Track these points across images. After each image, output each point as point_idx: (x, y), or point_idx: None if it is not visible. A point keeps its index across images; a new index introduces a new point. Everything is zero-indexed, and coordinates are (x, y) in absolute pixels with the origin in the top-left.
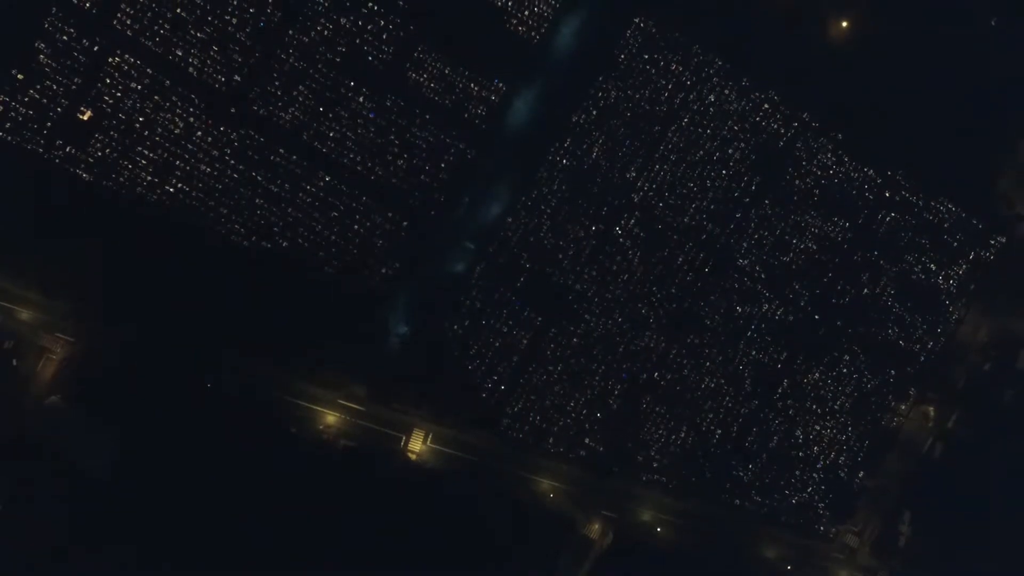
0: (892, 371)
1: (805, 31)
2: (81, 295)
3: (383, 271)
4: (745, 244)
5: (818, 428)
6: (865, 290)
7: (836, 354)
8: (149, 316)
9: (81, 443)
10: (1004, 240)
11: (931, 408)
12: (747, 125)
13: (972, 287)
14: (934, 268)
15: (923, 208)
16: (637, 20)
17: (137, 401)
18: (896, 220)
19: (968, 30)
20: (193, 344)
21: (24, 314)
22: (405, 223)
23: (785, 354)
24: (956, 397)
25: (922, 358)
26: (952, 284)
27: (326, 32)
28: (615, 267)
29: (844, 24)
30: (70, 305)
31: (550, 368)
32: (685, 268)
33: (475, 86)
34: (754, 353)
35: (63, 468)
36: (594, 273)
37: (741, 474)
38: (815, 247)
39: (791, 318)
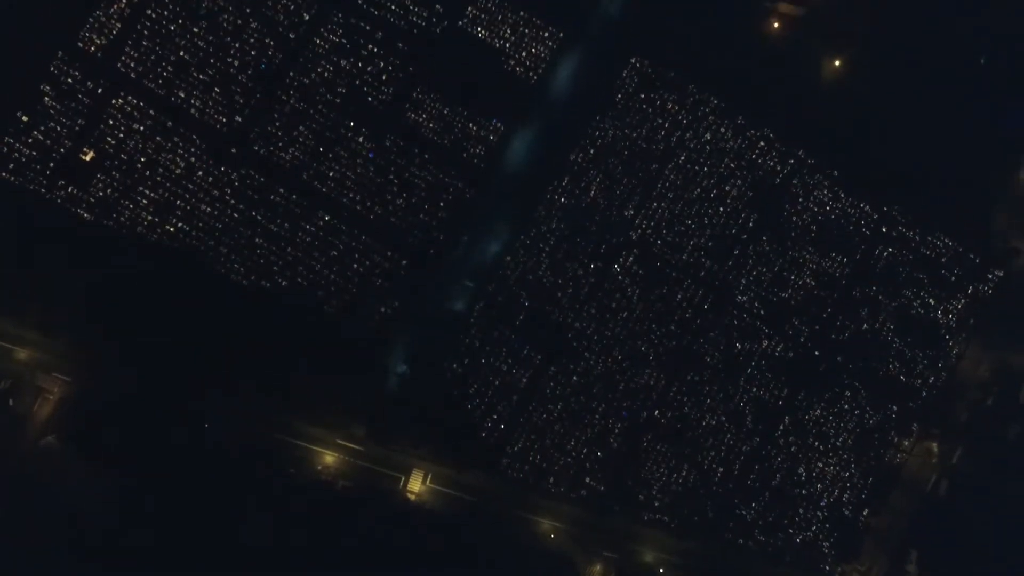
0: (894, 407)
1: (799, 70)
2: (80, 334)
3: (382, 310)
4: (744, 280)
5: (821, 465)
6: (864, 325)
7: (837, 390)
8: (147, 355)
9: (77, 484)
10: (1002, 274)
11: (934, 444)
12: (743, 162)
13: (971, 321)
14: (933, 303)
15: (920, 243)
16: (633, 60)
17: (134, 441)
18: (893, 255)
19: (958, 68)
20: (190, 384)
21: (22, 354)
22: (404, 262)
23: (786, 390)
24: (959, 433)
25: (924, 393)
26: (951, 319)
27: (326, 74)
28: (614, 304)
29: (836, 63)
30: (68, 344)
31: (550, 407)
32: (684, 305)
33: (474, 126)
34: (755, 390)
35: (58, 509)
36: (593, 311)
37: (744, 513)
38: (813, 283)
39: (791, 354)
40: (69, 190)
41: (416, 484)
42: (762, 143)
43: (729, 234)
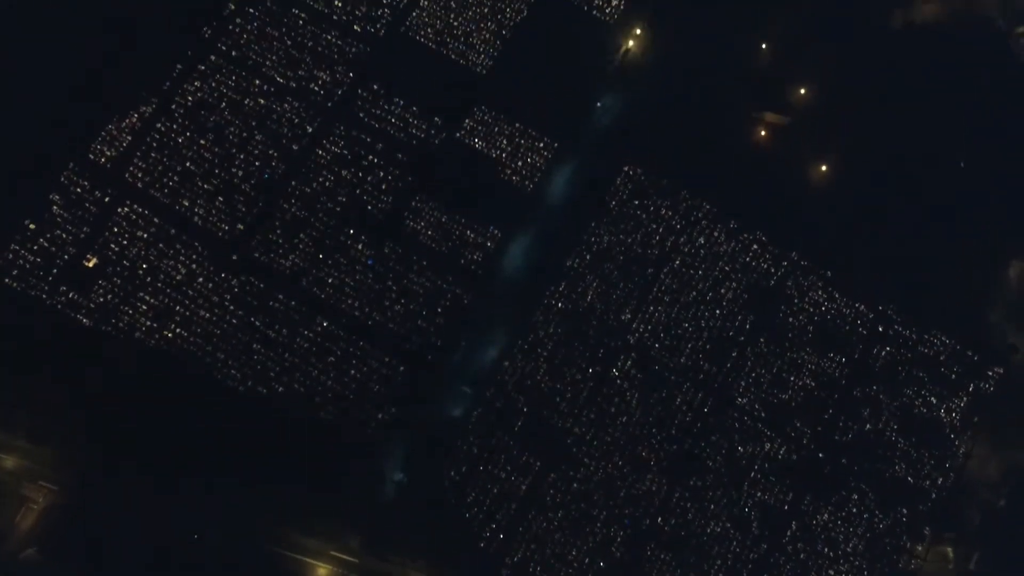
0: (904, 509)
1: (788, 175)
2: (70, 441)
3: (379, 417)
4: (743, 383)
5: (832, 573)
6: (868, 426)
7: (844, 493)
8: (138, 463)
9: None
10: (1002, 371)
11: (949, 549)
12: (738, 265)
13: (976, 420)
14: (935, 402)
15: (917, 341)
16: (626, 168)
17: (121, 553)
18: (892, 354)
19: (940, 170)
20: (180, 493)
21: (8, 461)
22: (402, 368)
23: (791, 494)
24: (974, 536)
25: (933, 495)
26: (955, 417)
27: (327, 183)
28: (613, 409)
29: (823, 168)
30: (58, 452)
31: (550, 515)
32: (684, 409)
33: (471, 233)
34: (759, 494)
35: None
36: (592, 416)
37: None
38: (813, 383)
39: (795, 457)
40: (70, 296)
41: None
42: (755, 246)
43: (726, 336)
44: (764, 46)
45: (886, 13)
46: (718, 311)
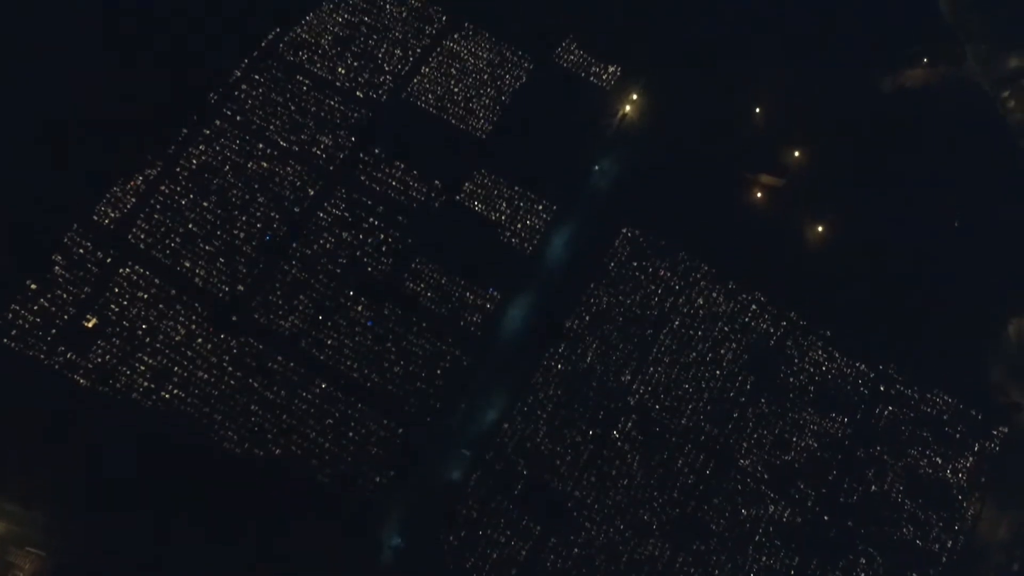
0: (913, 574)
1: (784, 236)
2: (62, 506)
3: (377, 479)
4: (745, 444)
5: None
6: (873, 487)
7: (851, 557)
8: (130, 525)
9: None
10: (1007, 430)
11: None
12: (737, 326)
13: (983, 480)
14: (940, 462)
15: (920, 401)
16: (625, 230)
17: None
18: (894, 414)
19: (934, 230)
20: (173, 556)
21: None
22: (400, 430)
23: (797, 559)
24: None
25: (943, 559)
26: (961, 478)
27: (328, 245)
28: (614, 472)
29: (820, 228)
30: (49, 517)
31: None
32: (686, 471)
33: (471, 295)
34: (764, 559)
35: None
36: (593, 479)
37: None
38: (816, 444)
39: (799, 519)
40: (68, 356)
41: None
42: (754, 307)
43: (727, 397)
44: (758, 110)
45: (876, 78)
46: (718, 372)
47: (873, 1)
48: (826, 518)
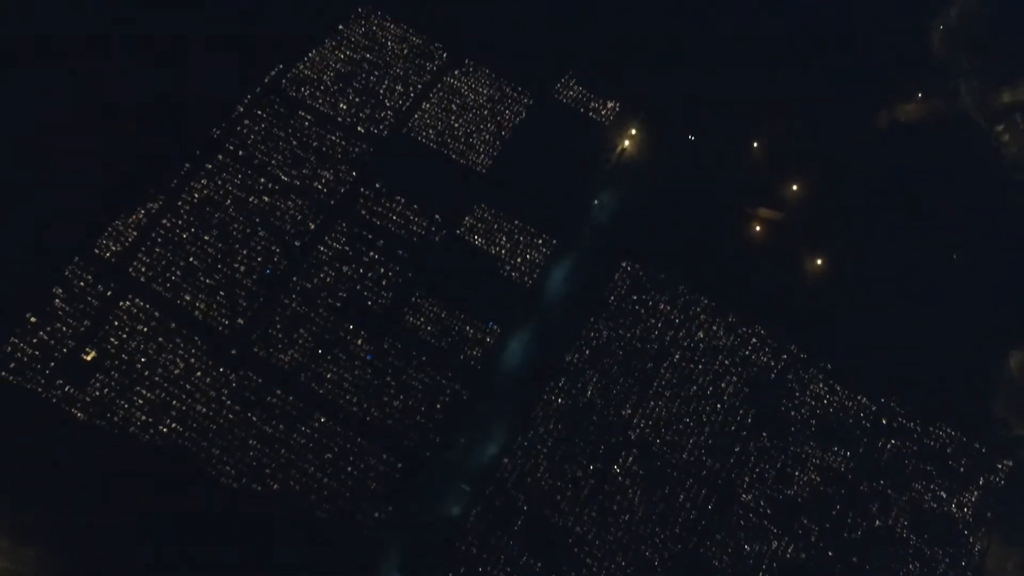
0: None
1: (784, 269)
2: (55, 541)
3: (376, 515)
4: (747, 478)
5: None
6: (877, 522)
7: None
8: (126, 560)
9: None
10: (1011, 464)
11: None
12: (737, 359)
13: (989, 515)
14: (945, 496)
15: (922, 434)
16: (624, 264)
17: None
18: (897, 447)
19: (933, 262)
20: None
21: None
22: (400, 465)
23: None
24: None
25: None
26: (967, 512)
27: (328, 279)
28: (615, 507)
29: (819, 261)
30: (41, 552)
31: None
32: (688, 506)
33: (470, 329)
34: None
35: None
36: (594, 514)
37: None
38: (819, 479)
39: (803, 555)
40: (66, 389)
41: None
42: (754, 340)
43: (728, 431)
44: (755, 144)
45: (872, 113)
46: (719, 405)
47: (867, 38)
48: (830, 553)
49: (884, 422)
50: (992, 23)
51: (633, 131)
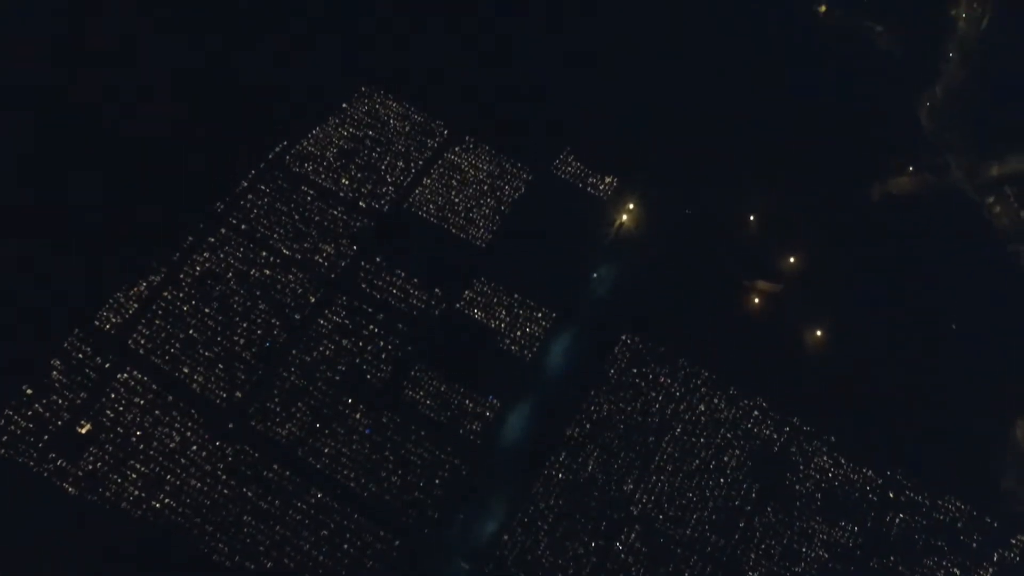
0: None
1: (784, 341)
2: None
3: None
4: (752, 555)
5: None
6: None
7: None
8: None
9: None
10: None
11: None
12: (740, 432)
13: None
14: (959, 573)
15: (931, 508)
16: (624, 337)
17: None
18: (906, 522)
19: (933, 333)
20: None
21: None
22: (397, 542)
23: None
24: None
25: None
26: None
27: (328, 352)
28: None
29: (819, 332)
30: None
31: None
32: None
33: (470, 403)
34: None
35: None
36: None
37: None
38: (826, 555)
39: None
40: (59, 463)
41: None
42: (756, 412)
43: (732, 506)
44: (752, 218)
45: (866, 186)
46: (722, 479)
47: (858, 117)
48: None
49: (891, 495)
50: (977, 98)
51: (631, 205)
